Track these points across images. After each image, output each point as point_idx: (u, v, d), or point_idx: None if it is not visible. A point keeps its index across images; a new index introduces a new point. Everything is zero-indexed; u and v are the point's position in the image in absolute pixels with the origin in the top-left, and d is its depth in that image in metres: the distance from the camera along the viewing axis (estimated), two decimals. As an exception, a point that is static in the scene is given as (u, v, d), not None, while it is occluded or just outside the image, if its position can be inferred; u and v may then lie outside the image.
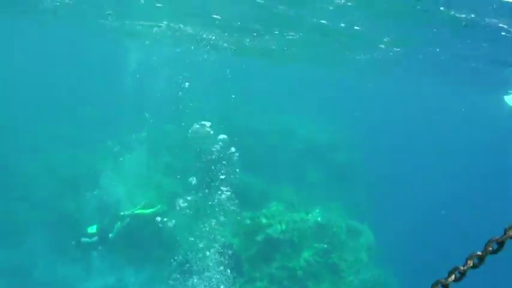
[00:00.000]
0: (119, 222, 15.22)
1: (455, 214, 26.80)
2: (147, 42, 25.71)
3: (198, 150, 16.08)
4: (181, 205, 15.73)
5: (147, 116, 20.55)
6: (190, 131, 16.79)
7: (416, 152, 37.27)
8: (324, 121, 27.71)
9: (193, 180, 15.74)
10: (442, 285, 1.76)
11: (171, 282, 13.34)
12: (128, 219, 15.49)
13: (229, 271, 13.37)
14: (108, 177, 18.15)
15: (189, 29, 20.55)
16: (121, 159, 19.01)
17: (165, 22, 19.97)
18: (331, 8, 12.66)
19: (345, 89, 42.89)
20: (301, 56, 24.89)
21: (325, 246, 15.73)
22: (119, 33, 24.80)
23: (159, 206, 16.45)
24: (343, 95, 44.90)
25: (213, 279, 13.30)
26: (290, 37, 18.78)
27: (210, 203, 14.66)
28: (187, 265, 13.74)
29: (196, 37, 21.02)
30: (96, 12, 19.55)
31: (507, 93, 25.01)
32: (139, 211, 16.04)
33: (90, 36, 29.91)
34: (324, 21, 14.94)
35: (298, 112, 28.62)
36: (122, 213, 15.59)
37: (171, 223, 16.21)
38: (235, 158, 15.41)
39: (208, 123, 16.81)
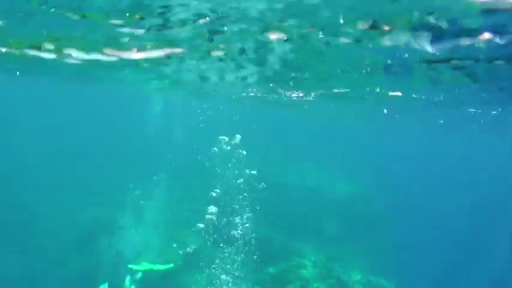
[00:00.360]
0: (132, 279, 14.86)
1: (484, 268, 25.59)
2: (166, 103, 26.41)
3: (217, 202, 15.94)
4: (198, 261, 15.35)
5: (167, 169, 20.61)
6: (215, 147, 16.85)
7: (439, 202, 36.32)
8: (342, 173, 27.43)
9: (211, 235, 15.46)
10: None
11: None
12: (141, 275, 15.13)
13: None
14: (125, 232, 17.99)
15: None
16: (138, 213, 18.91)
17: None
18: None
19: (362, 140, 42.87)
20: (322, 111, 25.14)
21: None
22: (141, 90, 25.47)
23: (172, 264, 16.07)
24: (360, 147, 44.79)
25: None
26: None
27: (228, 259, 14.28)
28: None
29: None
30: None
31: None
32: (153, 267, 15.68)
33: (111, 91, 30.77)
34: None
35: (316, 164, 28.45)
36: (135, 269, 15.25)
37: (185, 279, 15.75)
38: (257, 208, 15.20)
39: (238, 136, 16.84)
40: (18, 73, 18.07)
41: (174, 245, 17.49)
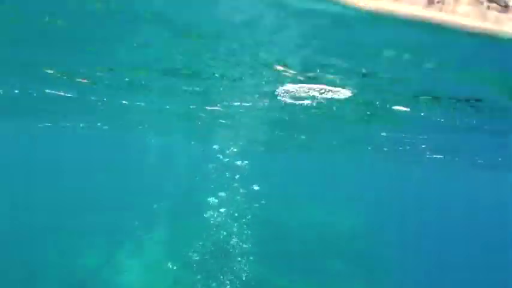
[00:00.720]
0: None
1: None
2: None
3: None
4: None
5: (166, 210, 20.61)
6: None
7: (449, 239, 35.68)
8: (342, 208, 27.26)
9: (210, 275, 15.26)
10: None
11: None
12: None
13: None
14: (122, 277, 17.87)
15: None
16: (136, 257, 18.83)
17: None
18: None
19: (364, 175, 42.80)
20: (322, 147, 25.35)
21: None
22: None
23: None
24: (362, 181, 44.63)
25: None
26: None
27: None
28: None
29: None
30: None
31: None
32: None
33: (115, 134, 31.00)
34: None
35: (317, 200, 28.34)
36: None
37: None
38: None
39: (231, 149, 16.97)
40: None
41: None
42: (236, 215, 16.61)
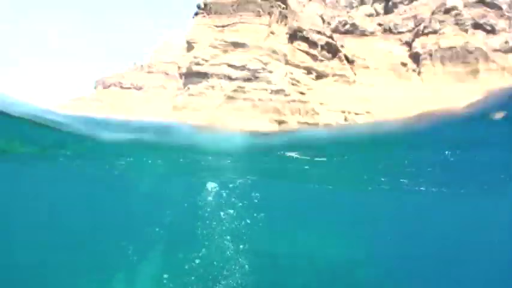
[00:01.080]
0: None
1: None
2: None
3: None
4: None
5: (162, 245, 20.60)
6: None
7: (446, 268, 34.99)
8: (342, 238, 27.00)
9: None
10: None
11: None
12: None
13: None
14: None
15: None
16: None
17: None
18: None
19: (362, 203, 42.48)
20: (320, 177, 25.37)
21: None
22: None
23: None
24: (360, 210, 44.23)
25: None
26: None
27: None
28: None
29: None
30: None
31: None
32: None
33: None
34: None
35: (315, 230, 28.12)
36: None
37: None
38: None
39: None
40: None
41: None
42: (228, 240, 16.55)
